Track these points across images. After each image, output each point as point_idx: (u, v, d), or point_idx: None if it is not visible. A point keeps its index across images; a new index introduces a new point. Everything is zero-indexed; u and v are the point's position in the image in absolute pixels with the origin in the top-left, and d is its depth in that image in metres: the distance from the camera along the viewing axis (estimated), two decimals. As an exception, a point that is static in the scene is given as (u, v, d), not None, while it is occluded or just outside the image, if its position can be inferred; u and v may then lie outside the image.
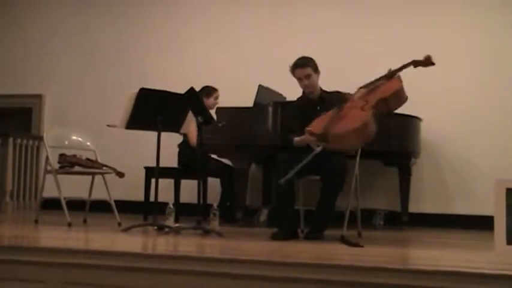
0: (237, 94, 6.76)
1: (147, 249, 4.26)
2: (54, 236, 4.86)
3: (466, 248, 4.80)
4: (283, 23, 7.60)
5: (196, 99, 4.92)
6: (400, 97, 4.78)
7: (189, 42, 7.91)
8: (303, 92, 5.19)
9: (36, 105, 8.28)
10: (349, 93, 4.98)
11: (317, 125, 4.60)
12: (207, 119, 4.90)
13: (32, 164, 7.92)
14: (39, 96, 8.26)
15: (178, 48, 7.94)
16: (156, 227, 5.19)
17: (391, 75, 4.85)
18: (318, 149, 4.45)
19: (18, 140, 7.72)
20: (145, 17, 8.12)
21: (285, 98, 6.65)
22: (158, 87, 5.25)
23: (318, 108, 4.98)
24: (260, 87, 6.27)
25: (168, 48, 7.97)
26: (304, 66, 4.99)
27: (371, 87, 4.81)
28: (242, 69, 7.47)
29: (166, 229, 5.05)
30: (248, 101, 6.24)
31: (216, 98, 6.71)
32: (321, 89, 5.14)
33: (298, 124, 4.92)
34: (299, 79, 5.03)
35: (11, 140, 7.59)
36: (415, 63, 5.02)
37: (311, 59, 5.06)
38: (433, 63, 5.01)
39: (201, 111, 4.89)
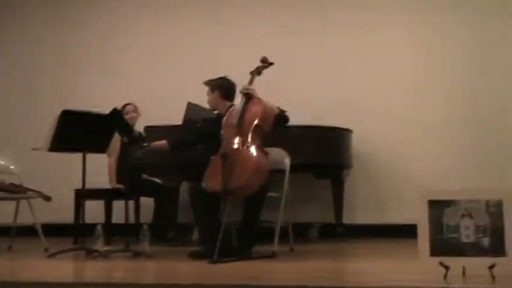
0: (168, 112, 6.66)
1: (69, 277, 4.09)
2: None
3: (396, 258, 4.82)
4: (210, 37, 7.55)
5: (120, 120, 4.82)
6: (269, 115, 4.79)
7: (119, 59, 7.79)
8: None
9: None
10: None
11: (213, 182, 4.53)
12: (133, 139, 4.81)
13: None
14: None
15: (108, 66, 7.79)
16: (84, 251, 5.04)
17: (248, 95, 4.85)
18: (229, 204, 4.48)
19: None
20: (81, 30, 7.96)
21: (216, 114, 6.58)
22: (87, 106, 5.14)
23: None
24: (189, 104, 6.21)
25: (98, 67, 7.81)
26: (206, 85, 5.33)
27: (237, 118, 4.77)
28: (172, 86, 7.37)
29: (95, 253, 4.91)
30: (179, 118, 6.19)
31: (128, 112, 6.51)
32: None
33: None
34: None
35: None
36: (258, 71, 5.08)
37: (216, 79, 5.30)
38: (271, 63, 5.11)
39: (125, 131, 4.80)
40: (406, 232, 6.51)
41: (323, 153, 6.40)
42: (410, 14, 7.19)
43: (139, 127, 6.56)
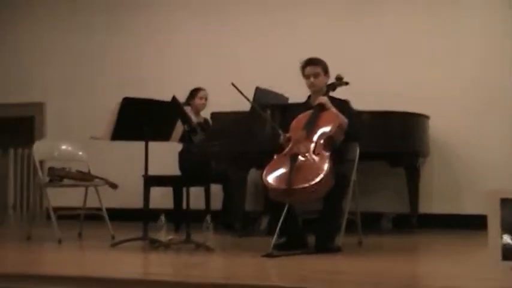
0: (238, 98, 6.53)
1: (125, 272, 3.95)
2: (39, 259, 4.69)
3: (468, 257, 4.51)
4: (281, 24, 7.33)
5: (178, 109, 4.71)
6: (342, 129, 4.72)
7: (184, 46, 7.69)
8: (308, 97, 5.06)
9: (38, 113, 8.11)
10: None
11: (276, 180, 4.41)
12: (192, 129, 4.70)
13: (34, 174, 7.77)
14: (40, 105, 8.08)
15: (175, 53, 7.70)
16: (147, 241, 4.99)
17: (323, 106, 4.77)
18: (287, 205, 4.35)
19: (20, 150, 7.58)
20: (139, 24, 7.93)
21: (287, 98, 6.40)
22: (155, 93, 5.09)
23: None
24: (257, 89, 6.01)
25: (165, 53, 7.75)
26: (315, 64, 4.92)
27: (312, 124, 4.69)
28: (243, 72, 7.18)
29: (157, 244, 4.85)
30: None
31: (201, 98, 6.54)
32: (328, 96, 4.94)
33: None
34: (307, 77, 4.92)
35: (11, 150, 7.47)
36: (333, 87, 4.97)
37: (323, 61, 4.99)
38: (346, 82, 4.99)
39: (184, 120, 4.70)
40: (483, 223, 6.24)
41: (398, 140, 6.08)
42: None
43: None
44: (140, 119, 4.87)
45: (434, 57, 6.78)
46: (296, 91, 5.36)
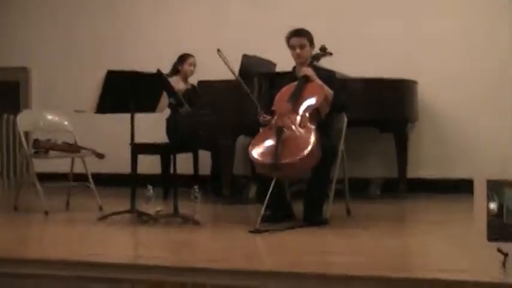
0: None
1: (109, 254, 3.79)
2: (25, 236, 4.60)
3: (454, 231, 4.41)
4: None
5: (163, 82, 4.64)
6: (327, 102, 4.67)
7: (175, 11, 7.53)
8: (293, 68, 4.99)
9: (22, 79, 7.97)
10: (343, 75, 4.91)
11: (263, 154, 4.42)
12: (179, 102, 4.65)
13: (20, 144, 7.67)
14: (24, 69, 7.94)
15: (164, 19, 7.54)
16: (135, 214, 4.96)
17: (307, 77, 4.72)
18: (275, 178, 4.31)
19: (5, 116, 7.47)
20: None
21: (275, 64, 6.32)
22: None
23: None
24: (244, 57, 5.93)
25: (154, 19, 7.59)
26: (300, 36, 4.83)
27: (296, 96, 4.64)
28: (233, 39, 7.05)
29: (144, 217, 4.83)
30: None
31: (191, 64, 6.47)
32: (313, 66, 4.87)
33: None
34: (292, 48, 4.83)
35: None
36: (317, 58, 4.93)
37: (309, 31, 4.89)
38: (330, 53, 4.94)
39: (170, 94, 4.64)
40: (470, 187, 6.25)
41: (387, 106, 6.09)
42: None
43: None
44: (125, 92, 4.79)
45: (424, 21, 6.71)
46: (284, 57, 5.25)
